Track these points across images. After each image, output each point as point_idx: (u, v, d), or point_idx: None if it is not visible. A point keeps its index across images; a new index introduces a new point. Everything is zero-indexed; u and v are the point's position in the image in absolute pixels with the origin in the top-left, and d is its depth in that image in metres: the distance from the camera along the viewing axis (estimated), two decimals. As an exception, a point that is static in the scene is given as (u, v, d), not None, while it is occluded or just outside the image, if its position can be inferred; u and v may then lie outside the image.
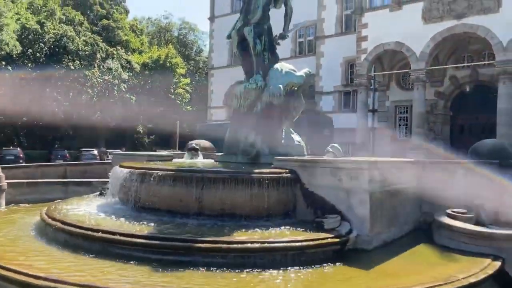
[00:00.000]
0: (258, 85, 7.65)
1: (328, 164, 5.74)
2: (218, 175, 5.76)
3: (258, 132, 7.86)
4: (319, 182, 5.76)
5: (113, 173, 7.21)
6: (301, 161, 6.06)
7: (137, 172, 6.30)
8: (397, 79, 22.38)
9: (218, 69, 33.32)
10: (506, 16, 16.83)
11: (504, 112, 17.05)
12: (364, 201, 5.31)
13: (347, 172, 5.48)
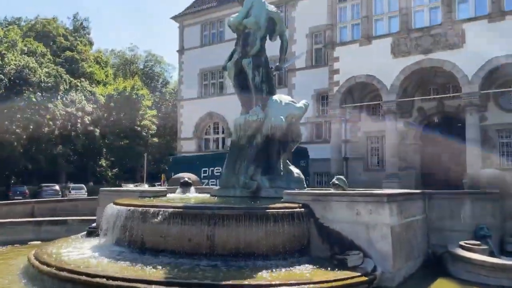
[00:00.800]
0: (259, 117, 7.53)
1: (344, 197, 5.61)
2: (231, 212, 5.48)
3: (257, 164, 7.69)
4: (334, 216, 5.60)
5: (107, 212, 6.76)
6: (314, 195, 5.90)
7: (140, 210, 5.91)
8: (368, 110, 22.96)
9: (187, 100, 33.07)
10: (469, 51, 17.80)
11: (473, 142, 17.75)
12: (386, 235, 5.18)
13: (365, 206, 5.36)
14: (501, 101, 19.78)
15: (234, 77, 8.22)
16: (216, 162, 21.50)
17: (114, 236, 6.36)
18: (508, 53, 17.09)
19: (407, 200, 5.93)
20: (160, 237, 5.66)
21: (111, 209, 6.63)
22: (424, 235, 6.39)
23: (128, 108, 43.53)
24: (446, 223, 6.02)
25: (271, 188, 7.46)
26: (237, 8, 31.61)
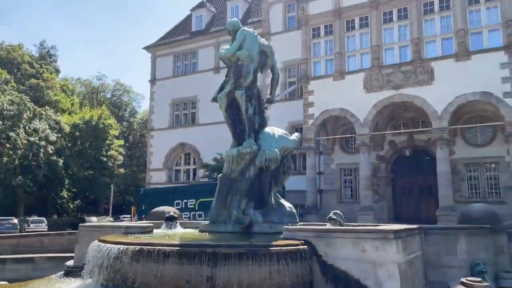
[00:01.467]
0: (253, 149, 7.39)
1: (349, 233, 5.47)
2: (233, 250, 5.20)
3: (250, 198, 7.48)
4: (339, 253, 5.43)
5: (92, 250, 6.30)
6: (317, 231, 5.73)
7: (132, 249, 5.53)
8: (340, 143, 23.32)
9: (158, 130, 32.58)
10: (438, 88, 18.58)
11: (444, 175, 18.24)
12: (393, 274, 5.05)
13: (372, 242, 5.24)
14: (468, 135, 20.60)
15: (225, 108, 8.10)
16: (189, 194, 21.03)
17: (101, 277, 5.91)
18: (475, 90, 17.95)
19: (408, 236, 5.87)
20: (155, 278, 5.29)
21: (97, 246, 6.19)
22: (422, 271, 6.32)
23: (94, 137, 42.37)
24: (443, 259, 5.97)
25: (265, 223, 7.24)
26: (210, 40, 32.02)
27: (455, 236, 6.69)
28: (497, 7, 18.14)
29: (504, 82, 17.46)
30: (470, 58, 18.21)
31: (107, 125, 44.29)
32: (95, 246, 6.23)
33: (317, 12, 21.84)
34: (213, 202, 7.80)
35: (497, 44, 17.91)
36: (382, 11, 20.38)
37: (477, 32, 18.46)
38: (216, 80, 30.74)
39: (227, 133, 29.61)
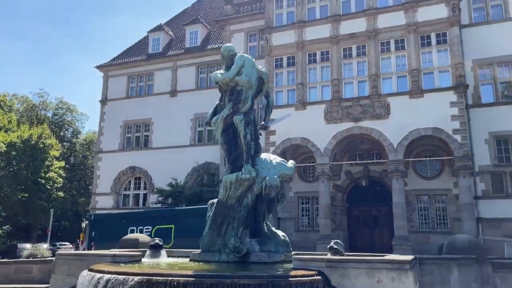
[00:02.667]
0: (252, 175, 7.27)
1: (363, 263, 5.49)
2: (253, 280, 5.00)
3: (245, 226, 7.31)
4: (353, 284, 5.42)
5: (84, 280, 5.80)
6: (330, 261, 5.68)
7: (139, 279, 5.14)
8: (299, 171, 23.66)
9: (107, 153, 31.23)
10: (394, 122, 19.62)
11: (399, 206, 19.04)
12: (411, 304, 5.11)
13: (387, 273, 5.28)
14: (418, 168, 21.79)
15: (221, 133, 7.96)
16: (145, 221, 20.17)
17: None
18: (427, 126, 19.14)
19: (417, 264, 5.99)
20: (164, 313, 4.94)
21: (90, 277, 5.69)
22: (420, 302, 6.46)
23: (32, 157, 39.65)
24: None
25: (262, 252, 7.06)
26: (167, 63, 31.65)
27: (447, 266, 6.94)
28: (447, 50, 19.70)
29: (454, 120, 18.82)
30: (423, 96, 19.48)
31: (47, 145, 41.73)
32: (88, 276, 5.72)
33: (280, 43, 22.45)
34: (206, 230, 7.52)
35: (447, 84, 19.37)
36: (342, 47, 21.37)
37: (429, 72, 19.87)
38: (172, 103, 30.56)
39: (181, 157, 29.16)
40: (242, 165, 7.66)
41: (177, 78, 30.67)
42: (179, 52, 31.46)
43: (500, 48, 20.84)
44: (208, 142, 28.91)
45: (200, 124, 29.37)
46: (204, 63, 30.16)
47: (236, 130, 7.82)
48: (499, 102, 20.88)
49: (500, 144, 20.53)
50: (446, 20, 19.77)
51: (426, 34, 20.12)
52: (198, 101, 29.06)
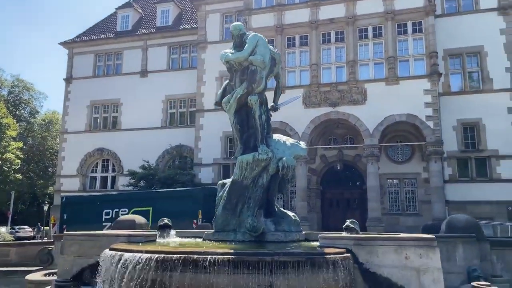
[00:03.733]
0: (269, 156, 7.28)
1: (391, 241, 5.69)
2: (292, 258, 5.08)
3: (260, 206, 7.35)
4: (381, 261, 5.61)
5: (110, 261, 5.66)
6: (357, 239, 5.84)
7: (176, 258, 5.08)
8: (274, 155, 23.88)
9: (73, 134, 30.08)
10: (370, 108, 20.15)
11: (373, 189, 19.72)
12: (438, 279, 5.38)
13: (415, 250, 5.52)
14: (390, 153, 22.59)
15: (234, 113, 7.88)
16: (121, 203, 19.78)
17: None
18: (402, 112, 19.82)
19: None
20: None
21: (118, 256, 5.55)
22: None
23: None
24: (443, 265, 6.47)
25: (279, 232, 7.15)
26: (137, 42, 30.68)
27: (454, 244, 7.35)
28: (422, 39, 20.36)
29: (427, 107, 19.59)
30: (398, 83, 20.09)
31: (3, 125, 39.67)
32: (116, 256, 5.58)
33: (259, 26, 22.28)
34: (219, 210, 7.48)
35: (422, 73, 20.07)
36: (321, 32, 21.56)
37: (405, 60, 20.48)
38: (142, 84, 29.73)
39: (152, 140, 28.56)
40: (255, 146, 7.66)
41: (148, 58, 29.84)
42: (150, 31, 30.56)
43: (470, 39, 21.76)
44: (180, 125, 28.52)
45: (172, 106, 28.86)
46: (177, 43, 29.48)
47: (249, 111, 7.78)
48: (467, 91, 21.90)
49: (467, 131, 21.62)
50: (422, 9, 20.37)
51: (402, 23, 20.67)
52: (170, 83, 28.54)
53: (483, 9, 22.05)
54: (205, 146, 24.78)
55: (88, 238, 6.91)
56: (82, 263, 6.80)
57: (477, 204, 20.35)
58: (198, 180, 24.31)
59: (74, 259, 6.86)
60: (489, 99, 21.21)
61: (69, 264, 6.87)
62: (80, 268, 6.79)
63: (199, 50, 26.00)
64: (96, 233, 7.03)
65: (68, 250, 6.93)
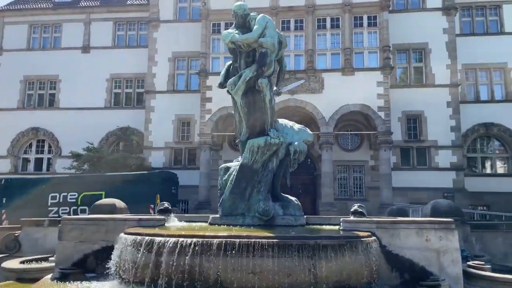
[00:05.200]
0: (280, 140, 7.26)
1: (412, 224, 5.97)
2: (333, 241, 5.16)
3: (268, 190, 7.33)
4: (404, 243, 5.88)
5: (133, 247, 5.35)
6: (379, 222, 6.06)
7: (217, 242, 4.93)
8: (229, 140, 23.77)
9: (3, 111, 27.57)
10: (327, 97, 20.74)
11: (327, 175, 20.45)
12: (457, 260, 5.76)
13: (435, 232, 5.86)
14: (341, 141, 23.50)
15: (242, 95, 7.68)
16: (69, 187, 18.64)
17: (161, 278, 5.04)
18: (356, 102, 20.65)
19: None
20: (249, 274, 4.85)
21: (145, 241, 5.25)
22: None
23: None
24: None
25: (289, 216, 7.18)
26: (79, 15, 28.79)
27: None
28: (376, 32, 21.26)
29: (379, 98, 20.60)
30: (354, 74, 20.86)
31: None
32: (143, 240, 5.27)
33: (219, 8, 21.89)
34: (227, 194, 7.32)
35: (375, 65, 21.01)
36: (281, 19, 21.66)
37: (360, 52, 21.28)
38: (84, 60, 27.85)
39: (95, 120, 27.17)
40: (261, 130, 7.59)
41: (91, 32, 28.03)
42: (94, 4, 28.66)
43: (416, 36, 23.14)
44: (126, 106, 27.30)
45: (117, 86, 27.48)
46: (123, 19, 27.98)
47: (255, 94, 7.67)
48: (412, 85, 23.34)
49: (410, 122, 23.11)
50: (377, 4, 21.23)
51: (359, 16, 21.40)
52: (115, 60, 27.12)
53: (429, 8, 23.49)
54: (156, 129, 23.98)
55: (91, 223, 6.45)
56: (84, 249, 6.36)
57: (417, 190, 21.94)
58: (148, 164, 23.52)
59: (75, 245, 6.39)
60: (431, 93, 22.80)
61: (69, 250, 6.39)
62: (82, 255, 6.36)
63: (151, 28, 24.89)
64: (100, 217, 6.58)
65: (68, 236, 6.43)
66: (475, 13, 25.56)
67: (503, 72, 24.79)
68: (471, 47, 24.24)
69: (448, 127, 22.43)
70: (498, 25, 25.25)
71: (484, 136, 24.78)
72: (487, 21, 25.38)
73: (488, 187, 22.99)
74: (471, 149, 24.65)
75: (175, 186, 19.60)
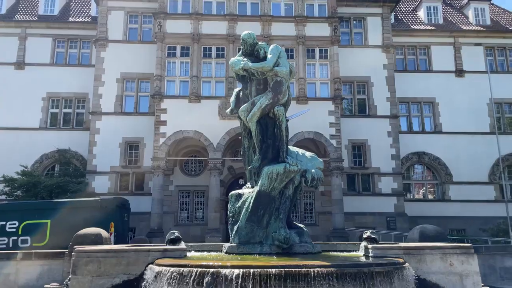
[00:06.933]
0: (298, 167, 7.31)
1: (438, 250, 6.30)
2: (383, 268, 5.28)
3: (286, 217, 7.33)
4: (429, 268, 6.18)
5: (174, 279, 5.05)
6: (407, 248, 6.31)
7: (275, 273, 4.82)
8: (180, 165, 23.19)
9: None
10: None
11: (282, 200, 20.70)
12: (477, 282, 6.17)
13: (457, 257, 6.25)
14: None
15: (256, 123, 7.63)
16: (9, 215, 16.89)
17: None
18: (310, 130, 21.38)
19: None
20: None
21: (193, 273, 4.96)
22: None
23: None
24: None
25: (305, 243, 7.17)
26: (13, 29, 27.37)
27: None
28: (327, 65, 22.42)
29: (331, 127, 21.57)
30: (307, 103, 21.62)
31: None
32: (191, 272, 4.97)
33: (175, 31, 21.70)
34: (243, 221, 7.13)
35: (326, 95, 22.04)
36: (237, 47, 21.95)
37: (312, 82, 22.24)
38: (17, 77, 25.74)
39: (28, 142, 25.32)
40: (274, 157, 7.62)
41: (26, 48, 26.18)
42: (31, 18, 26.90)
43: (360, 69, 24.72)
44: (64, 127, 25.63)
45: (54, 105, 25.76)
46: (64, 36, 26.55)
47: (268, 121, 7.73)
48: (356, 115, 24.78)
49: (355, 150, 24.41)
50: (328, 39, 22.48)
51: (311, 48, 22.45)
52: (53, 79, 25.53)
53: (371, 45, 25.33)
54: (101, 152, 22.69)
55: (110, 255, 5.96)
56: (103, 284, 5.83)
57: (363, 215, 23.09)
58: (92, 190, 22.09)
59: (92, 279, 5.83)
60: (373, 123, 24.37)
61: (85, 286, 5.81)
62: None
63: (98, 47, 23.84)
64: (121, 248, 6.10)
65: (84, 270, 5.86)
66: (407, 52, 28.02)
67: (432, 106, 27.23)
68: (404, 82, 26.39)
69: (389, 155, 24.01)
70: (427, 63, 27.86)
71: (416, 164, 26.87)
72: (417, 59, 27.92)
73: (422, 211, 24.77)
74: (406, 176, 26.53)
75: (127, 213, 18.57)
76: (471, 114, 26.37)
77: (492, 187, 25.91)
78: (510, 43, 28.20)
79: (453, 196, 25.49)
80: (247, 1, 22.79)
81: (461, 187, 25.51)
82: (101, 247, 6.15)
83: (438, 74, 27.30)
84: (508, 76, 27.60)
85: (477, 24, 28.85)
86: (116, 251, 5.98)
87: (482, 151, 25.78)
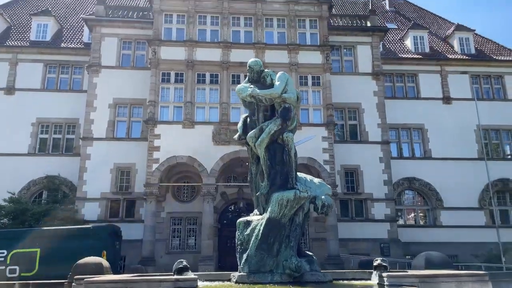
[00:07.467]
0: (309, 194, 7.26)
1: (451, 277, 6.26)
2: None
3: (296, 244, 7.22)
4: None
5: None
6: (422, 276, 6.25)
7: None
8: (172, 191, 22.90)
9: None
10: (276, 149, 21.25)
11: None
12: (493, 309, 6.14)
13: (472, 284, 6.21)
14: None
15: (265, 149, 7.62)
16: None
17: None
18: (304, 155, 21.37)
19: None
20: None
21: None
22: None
23: None
24: None
25: (315, 271, 7.04)
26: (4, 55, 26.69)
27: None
28: (320, 92, 22.72)
29: (325, 152, 21.67)
30: (301, 129, 21.60)
31: None
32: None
33: (169, 58, 21.84)
34: (253, 249, 6.99)
35: (319, 121, 22.23)
36: (231, 73, 22.20)
37: (305, 108, 22.45)
38: (7, 102, 25.43)
39: (16, 168, 24.83)
40: (282, 184, 7.57)
41: (17, 73, 26.02)
42: (23, 44, 26.84)
43: (351, 96, 25.05)
44: (53, 152, 25.23)
45: (44, 131, 25.42)
46: (56, 61, 26.50)
47: (276, 147, 7.72)
48: (348, 141, 24.99)
49: (348, 175, 24.49)
50: (320, 66, 22.86)
51: (304, 75, 22.78)
52: (43, 104, 25.32)
53: (361, 72, 25.83)
54: (92, 178, 22.30)
55: (120, 285, 5.74)
56: (112, 319, 5.60)
57: (357, 241, 22.98)
58: (81, 217, 21.57)
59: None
60: (365, 149, 24.58)
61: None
62: (111, 326, 5.57)
63: (91, 73, 23.78)
64: (131, 278, 5.89)
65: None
66: (396, 79, 28.64)
67: (421, 132, 27.66)
68: (393, 109, 26.82)
69: (381, 180, 24.14)
70: (415, 90, 28.47)
71: (407, 189, 27.05)
72: (405, 87, 28.53)
73: (414, 237, 24.77)
74: (397, 202, 26.61)
75: (118, 241, 18.15)
76: (460, 140, 26.84)
77: (482, 213, 26.12)
78: (495, 71, 29.05)
79: (445, 221, 25.61)
80: (241, 29, 23.17)
81: (452, 213, 25.67)
82: (110, 277, 5.94)
83: (426, 101, 27.87)
84: (494, 103, 28.29)
85: (462, 53, 29.76)
86: (126, 281, 5.77)
87: (471, 177, 26.14)
